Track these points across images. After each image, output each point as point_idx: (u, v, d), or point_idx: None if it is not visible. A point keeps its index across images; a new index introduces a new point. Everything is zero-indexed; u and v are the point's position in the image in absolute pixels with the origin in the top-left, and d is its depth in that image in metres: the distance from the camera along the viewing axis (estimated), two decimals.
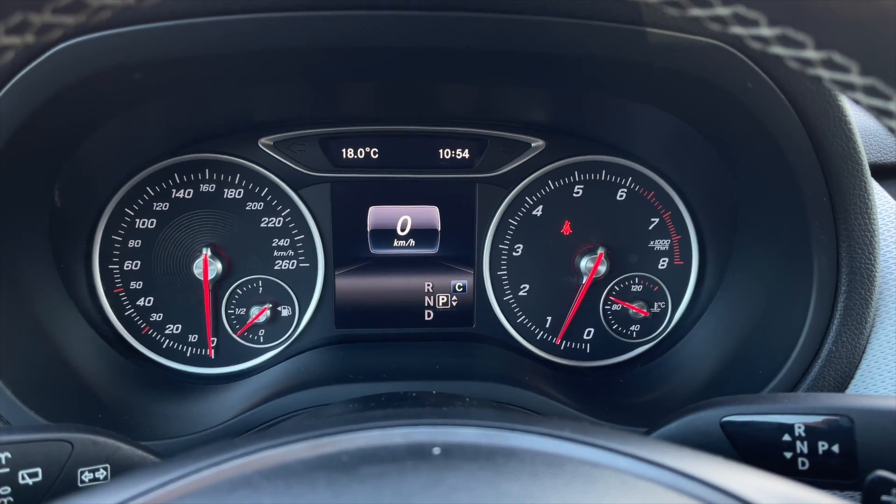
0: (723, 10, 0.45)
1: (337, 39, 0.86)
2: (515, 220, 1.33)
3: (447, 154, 1.30)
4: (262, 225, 1.30)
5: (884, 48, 0.42)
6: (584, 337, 1.36)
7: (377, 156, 1.30)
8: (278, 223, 1.30)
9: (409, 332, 1.35)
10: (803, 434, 0.81)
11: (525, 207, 1.32)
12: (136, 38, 0.78)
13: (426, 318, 1.35)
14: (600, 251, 1.31)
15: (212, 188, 1.28)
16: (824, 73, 0.45)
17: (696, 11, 0.46)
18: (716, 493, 0.53)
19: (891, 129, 0.47)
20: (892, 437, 0.77)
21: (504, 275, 1.35)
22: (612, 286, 1.34)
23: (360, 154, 1.30)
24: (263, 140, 1.27)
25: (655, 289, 1.35)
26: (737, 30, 0.46)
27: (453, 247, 1.34)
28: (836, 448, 0.80)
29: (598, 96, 1.12)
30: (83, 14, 0.41)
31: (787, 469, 0.81)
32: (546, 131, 1.30)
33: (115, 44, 0.78)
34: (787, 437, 0.82)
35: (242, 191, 1.28)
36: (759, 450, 0.83)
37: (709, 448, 0.86)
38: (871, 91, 0.45)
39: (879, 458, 0.77)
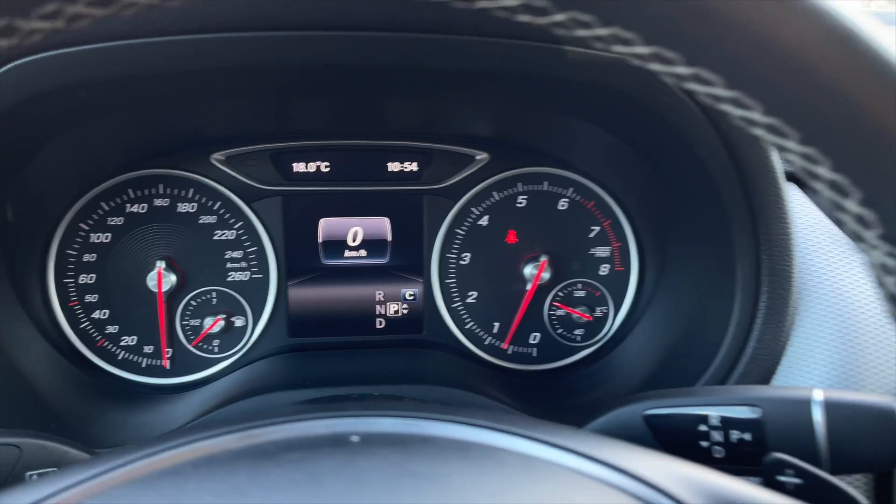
0: (602, 31, 0.50)
1: (273, 59, 0.91)
2: (462, 230, 1.38)
3: (395, 167, 1.35)
4: (216, 238, 1.33)
5: (743, 63, 0.47)
6: (531, 341, 1.41)
7: (328, 169, 1.34)
8: (231, 236, 1.33)
9: (362, 339, 1.39)
10: (718, 424, 0.87)
11: (471, 218, 1.38)
12: (74, 60, 0.82)
13: (378, 326, 1.39)
14: (543, 259, 1.37)
15: (166, 203, 1.31)
16: (696, 87, 0.51)
17: (580, 32, 0.51)
18: (616, 474, 0.57)
19: (760, 137, 0.52)
20: (796, 424, 0.83)
21: (452, 283, 1.39)
22: (556, 292, 1.40)
23: (311, 168, 1.34)
24: (216, 155, 1.30)
25: (598, 294, 1.40)
26: (618, 49, 0.51)
27: (403, 256, 1.38)
28: (748, 436, 0.85)
29: (533, 111, 1.18)
30: (15, 38, 0.45)
31: (704, 457, 0.86)
32: (490, 144, 1.36)
33: (53, 66, 0.82)
34: (703, 428, 0.87)
35: (196, 205, 1.32)
36: (679, 440, 0.88)
37: (633, 440, 0.91)
38: (736, 103, 0.50)
39: (786, 443, 0.83)
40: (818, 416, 0.82)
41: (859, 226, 0.47)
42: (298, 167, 1.33)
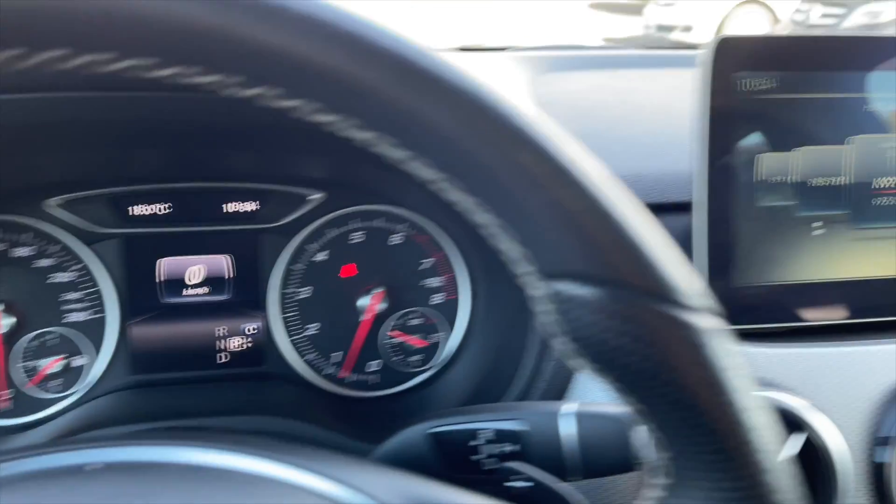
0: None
1: (85, 116, 0.98)
2: (300, 266, 1.46)
3: (233, 207, 1.42)
4: (55, 280, 1.36)
5: (409, 126, 0.55)
6: (369, 370, 1.49)
7: (168, 211, 1.40)
8: (70, 277, 1.37)
9: (205, 374, 1.44)
10: (493, 437, 0.96)
11: (308, 254, 1.46)
12: None
13: (220, 361, 1.45)
14: (378, 290, 1.46)
15: (2, 247, 1.34)
16: (386, 149, 0.58)
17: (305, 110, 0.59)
18: (345, 490, 0.65)
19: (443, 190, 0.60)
20: (554, 434, 0.93)
21: (293, 316, 1.47)
22: (393, 321, 1.49)
23: (151, 210, 1.39)
24: (53, 199, 1.34)
25: (432, 321, 1.50)
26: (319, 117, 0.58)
27: (244, 293, 1.45)
28: (517, 448, 0.95)
29: (357, 158, 1.28)
30: None
31: (477, 470, 0.95)
32: (326, 184, 1.44)
33: None
34: (478, 442, 0.96)
35: (33, 248, 1.35)
36: (458, 455, 0.97)
37: (419, 458, 1.00)
38: (417, 161, 0.58)
39: (545, 453, 0.93)
40: (571, 426, 0.92)
41: (525, 263, 0.57)
42: (137, 210, 1.39)
